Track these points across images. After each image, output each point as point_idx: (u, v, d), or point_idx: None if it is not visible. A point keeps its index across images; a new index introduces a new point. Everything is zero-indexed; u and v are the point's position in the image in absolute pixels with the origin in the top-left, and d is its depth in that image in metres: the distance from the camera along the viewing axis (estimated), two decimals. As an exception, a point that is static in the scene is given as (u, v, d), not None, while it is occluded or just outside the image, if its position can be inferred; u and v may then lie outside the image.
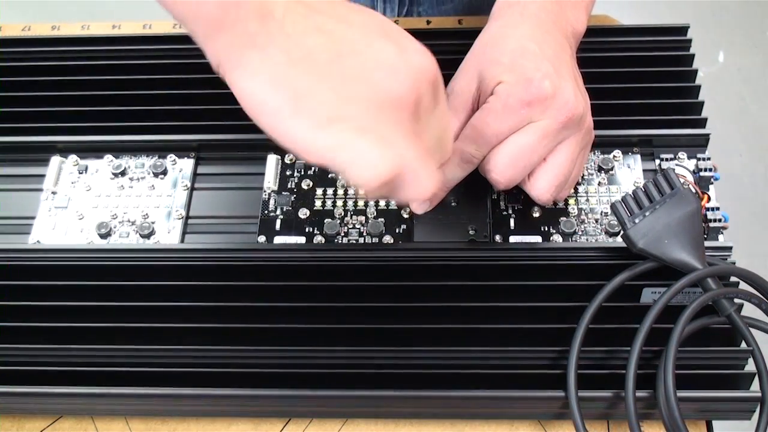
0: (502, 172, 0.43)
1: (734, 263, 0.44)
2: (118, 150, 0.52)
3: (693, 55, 0.53)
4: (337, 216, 0.49)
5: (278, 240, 0.48)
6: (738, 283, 0.44)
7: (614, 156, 0.50)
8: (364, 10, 0.36)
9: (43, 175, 0.51)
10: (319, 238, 0.48)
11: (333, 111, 0.34)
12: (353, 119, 0.34)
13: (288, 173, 0.51)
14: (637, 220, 0.43)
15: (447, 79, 0.45)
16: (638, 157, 0.50)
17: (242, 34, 0.33)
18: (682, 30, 0.54)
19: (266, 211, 0.49)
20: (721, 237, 0.47)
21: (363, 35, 0.35)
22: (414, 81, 0.35)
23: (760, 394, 0.42)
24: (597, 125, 0.46)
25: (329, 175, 0.50)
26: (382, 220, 0.48)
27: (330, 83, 0.34)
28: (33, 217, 0.50)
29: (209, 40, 0.34)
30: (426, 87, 0.35)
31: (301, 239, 0.48)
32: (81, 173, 0.52)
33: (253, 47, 0.33)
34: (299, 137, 0.34)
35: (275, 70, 0.33)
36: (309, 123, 0.34)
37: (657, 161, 0.50)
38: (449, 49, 0.48)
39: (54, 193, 0.51)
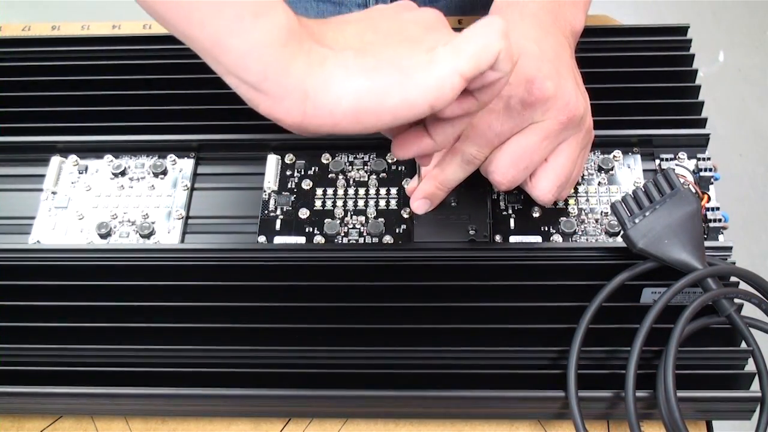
0: (504, 173, 0.43)
1: (734, 263, 0.44)
2: (118, 150, 0.52)
3: (693, 55, 0.53)
4: (337, 216, 0.49)
5: (278, 240, 0.48)
6: (738, 283, 0.44)
7: (614, 156, 0.50)
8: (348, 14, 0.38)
9: (43, 175, 0.51)
10: (319, 238, 0.48)
11: (421, 47, 0.34)
12: (432, 39, 0.35)
13: (288, 173, 0.51)
14: (637, 220, 0.43)
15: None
16: (638, 157, 0.50)
17: (311, 54, 0.33)
18: (682, 30, 0.54)
19: (266, 211, 0.49)
20: (721, 237, 0.47)
21: (369, 13, 0.37)
22: (434, 11, 0.37)
23: (760, 394, 0.42)
24: (597, 125, 0.46)
25: (329, 175, 0.50)
26: (382, 220, 0.48)
27: (394, 39, 0.35)
28: (33, 217, 0.50)
29: (283, 73, 0.33)
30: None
31: (301, 239, 0.48)
32: (81, 173, 0.52)
33: (326, 60, 0.33)
34: (433, 81, 0.33)
35: (357, 62, 0.33)
36: (422, 67, 0.33)
37: (657, 161, 0.50)
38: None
39: (54, 193, 0.51)
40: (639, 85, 0.52)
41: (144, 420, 0.47)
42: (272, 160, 0.50)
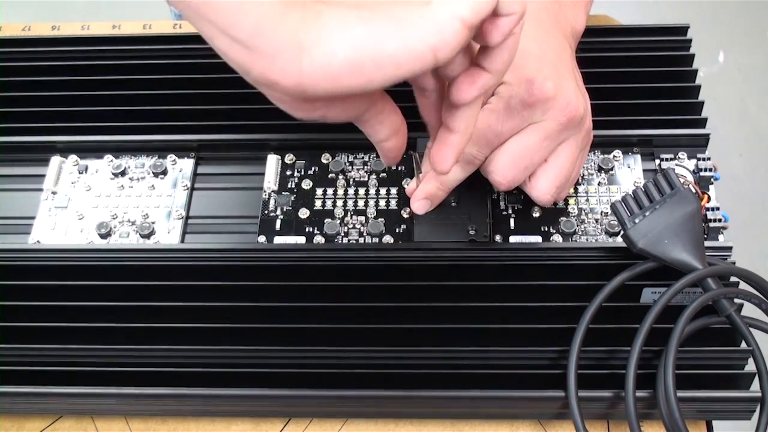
0: (503, 173, 0.43)
1: (734, 263, 0.44)
2: (118, 150, 0.52)
3: (693, 55, 0.53)
4: (337, 216, 0.49)
5: (278, 240, 0.48)
6: (738, 283, 0.44)
7: (614, 156, 0.50)
8: None
9: (43, 175, 0.51)
10: (319, 238, 0.48)
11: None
12: None
13: (288, 173, 0.51)
14: (637, 220, 0.43)
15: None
16: (638, 157, 0.50)
17: (304, 8, 0.32)
18: (682, 30, 0.54)
19: (266, 211, 0.49)
20: (721, 237, 0.47)
21: None
22: None
23: (760, 394, 0.42)
24: (597, 125, 0.46)
25: (329, 175, 0.50)
26: (382, 220, 0.48)
27: None
28: (33, 217, 0.50)
29: (278, 29, 0.31)
30: None
31: (301, 239, 0.48)
32: (81, 173, 0.52)
33: (320, 14, 0.32)
34: (431, 33, 0.32)
35: (353, 14, 0.32)
36: (419, 20, 0.32)
37: (657, 161, 0.50)
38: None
39: (54, 193, 0.51)
40: (639, 85, 0.52)
41: (144, 420, 0.47)
42: (272, 160, 0.50)
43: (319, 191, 0.50)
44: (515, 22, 0.34)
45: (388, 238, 0.48)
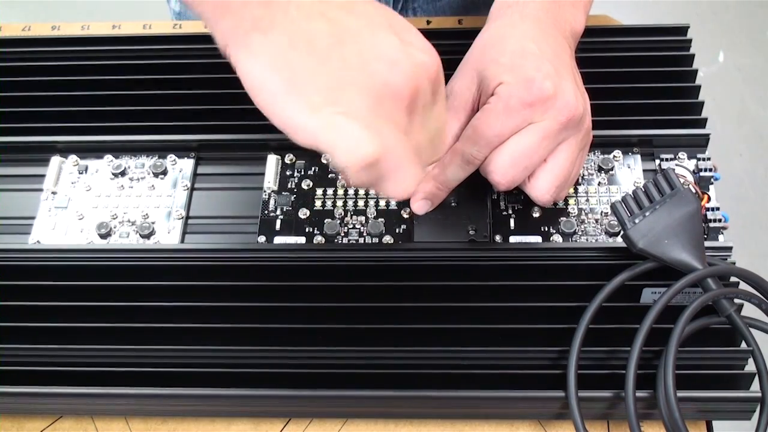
0: (503, 173, 0.43)
1: (734, 263, 0.44)
2: (118, 150, 0.52)
3: (693, 55, 0.53)
4: (337, 216, 0.49)
5: (278, 240, 0.48)
6: (738, 283, 0.44)
7: (614, 156, 0.50)
8: (372, 1, 0.36)
9: (43, 175, 0.51)
10: (319, 238, 0.48)
11: (326, 96, 0.34)
12: (345, 105, 0.34)
13: (288, 173, 0.51)
14: (637, 220, 0.43)
15: (446, 79, 0.45)
16: (638, 157, 0.50)
17: (247, 18, 0.34)
18: (682, 30, 0.54)
19: (266, 211, 0.49)
20: (721, 237, 0.47)
21: (367, 25, 0.35)
22: (413, 76, 0.35)
23: (760, 394, 0.42)
24: (597, 125, 0.46)
25: (329, 175, 0.50)
26: (382, 220, 0.48)
27: (327, 68, 0.34)
28: (33, 217, 0.50)
29: (217, 23, 0.35)
30: (425, 84, 0.36)
31: (301, 239, 0.48)
32: (81, 173, 0.52)
33: (256, 30, 0.34)
34: (291, 118, 0.35)
35: (276, 52, 0.34)
36: (302, 106, 0.34)
37: (657, 161, 0.50)
38: (449, 49, 0.48)
39: (54, 193, 0.51)
40: (639, 85, 0.52)
41: (144, 420, 0.47)
42: (272, 160, 0.50)
43: (319, 191, 0.50)
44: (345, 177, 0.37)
45: (388, 238, 0.48)
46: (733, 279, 0.44)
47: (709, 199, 0.48)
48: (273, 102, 0.35)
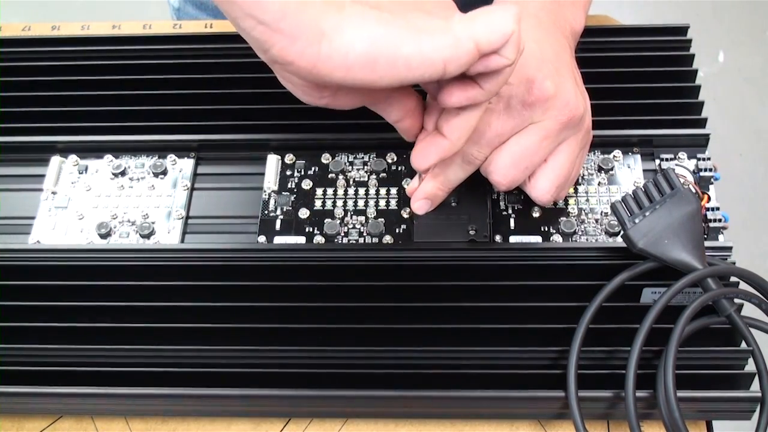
0: (503, 173, 0.43)
1: (734, 263, 0.44)
2: (118, 150, 0.52)
3: (693, 55, 0.53)
4: (337, 216, 0.49)
5: (278, 240, 0.48)
6: (738, 283, 0.44)
7: (614, 156, 0.50)
8: None
9: (43, 175, 0.51)
10: (319, 238, 0.48)
11: (440, 6, 0.36)
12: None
13: (288, 173, 0.51)
14: (637, 220, 0.43)
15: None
16: (638, 157, 0.50)
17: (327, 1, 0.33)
18: (682, 30, 0.54)
19: (266, 211, 0.49)
20: (721, 237, 0.47)
21: None
22: None
23: (760, 394, 0.42)
24: (597, 125, 0.46)
25: (329, 175, 0.50)
26: (382, 220, 0.48)
27: (408, 7, 0.35)
28: (33, 217, 0.50)
29: (300, 15, 0.32)
30: None
31: (301, 239, 0.48)
32: (81, 173, 0.52)
33: (343, 5, 0.33)
34: (445, 42, 0.34)
35: (374, 12, 0.34)
36: (440, 28, 0.34)
37: (657, 161, 0.50)
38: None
39: (54, 193, 0.51)
40: (639, 85, 0.52)
41: (144, 420, 0.47)
42: (272, 160, 0.50)
43: (319, 191, 0.50)
44: (509, 71, 0.37)
45: (388, 238, 0.48)
46: (733, 279, 0.44)
47: (709, 199, 0.48)
48: (418, 47, 0.33)
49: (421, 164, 0.40)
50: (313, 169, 0.51)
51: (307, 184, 0.50)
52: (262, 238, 0.48)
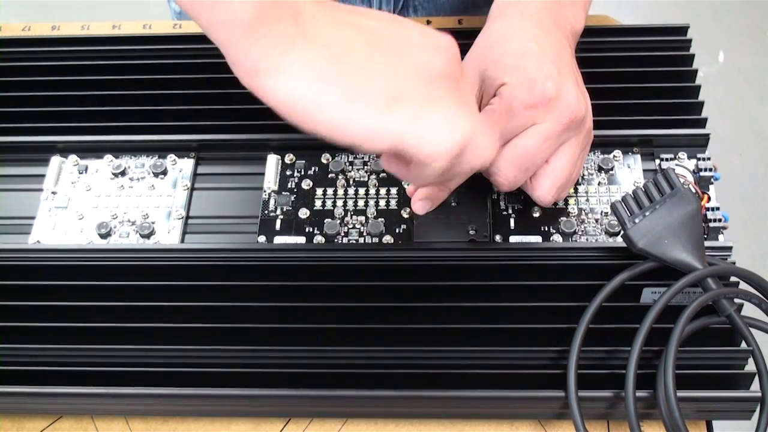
0: (505, 174, 0.43)
1: (734, 263, 0.44)
2: (118, 150, 0.52)
3: (693, 55, 0.53)
4: (337, 216, 0.49)
5: (278, 240, 0.48)
6: (738, 283, 0.44)
7: (614, 156, 0.50)
8: (369, 9, 0.38)
9: (43, 175, 0.51)
10: (319, 238, 0.48)
11: (391, 91, 0.34)
12: (413, 94, 0.34)
13: (288, 173, 0.51)
14: (637, 220, 0.43)
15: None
16: (638, 157, 0.50)
17: (280, 38, 0.33)
18: (682, 30, 0.54)
19: (266, 211, 0.49)
20: (721, 237, 0.47)
21: (385, 23, 0.36)
22: (449, 53, 0.36)
23: (760, 394, 0.42)
24: (597, 125, 0.46)
25: (329, 175, 0.50)
26: (382, 220, 0.48)
27: (377, 66, 0.34)
28: (33, 217, 0.50)
29: (246, 50, 0.34)
30: (458, 59, 0.37)
31: (301, 239, 0.48)
32: (81, 173, 0.52)
33: (293, 49, 0.34)
34: (363, 126, 0.34)
35: (320, 66, 0.34)
36: (372, 108, 0.34)
37: (657, 161, 0.50)
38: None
39: (54, 193, 0.51)
40: (639, 85, 0.52)
41: (144, 420, 0.47)
42: (272, 160, 0.50)
43: (319, 191, 0.50)
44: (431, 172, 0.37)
45: (388, 238, 0.48)
46: (733, 279, 0.44)
47: (709, 199, 0.48)
48: (335, 116, 0.34)
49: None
50: (313, 169, 0.51)
51: (307, 184, 0.50)
52: (262, 238, 0.48)
